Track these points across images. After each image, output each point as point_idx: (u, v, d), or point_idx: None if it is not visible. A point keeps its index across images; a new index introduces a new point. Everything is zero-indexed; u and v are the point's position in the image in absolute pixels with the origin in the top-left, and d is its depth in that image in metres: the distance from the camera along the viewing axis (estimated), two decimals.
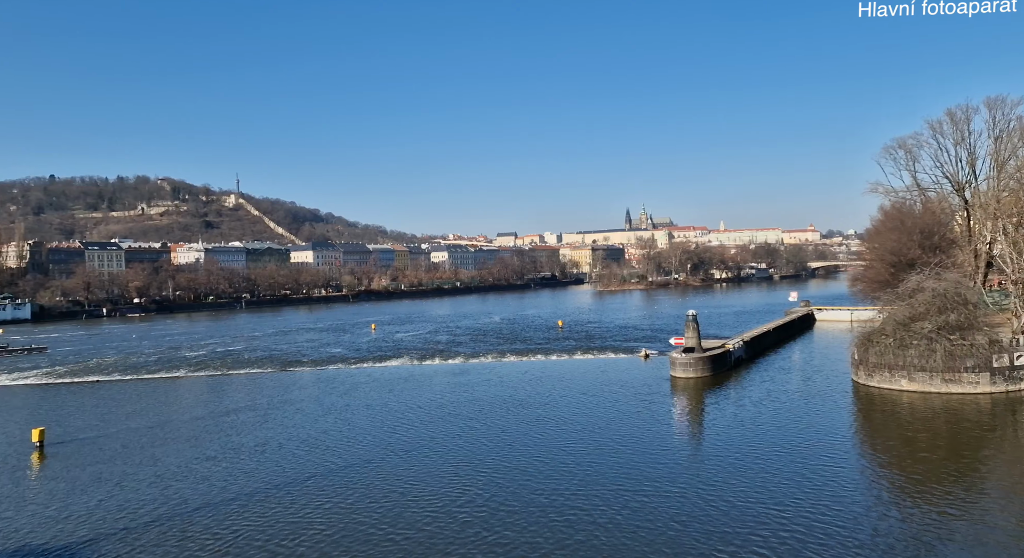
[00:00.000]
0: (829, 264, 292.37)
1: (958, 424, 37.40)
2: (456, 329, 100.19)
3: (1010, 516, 24.33)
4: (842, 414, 41.16)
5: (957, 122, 72.05)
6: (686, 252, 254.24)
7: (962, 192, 73.59)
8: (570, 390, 49.82)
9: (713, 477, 28.91)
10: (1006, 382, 42.91)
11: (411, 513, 25.86)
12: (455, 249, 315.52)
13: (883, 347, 46.00)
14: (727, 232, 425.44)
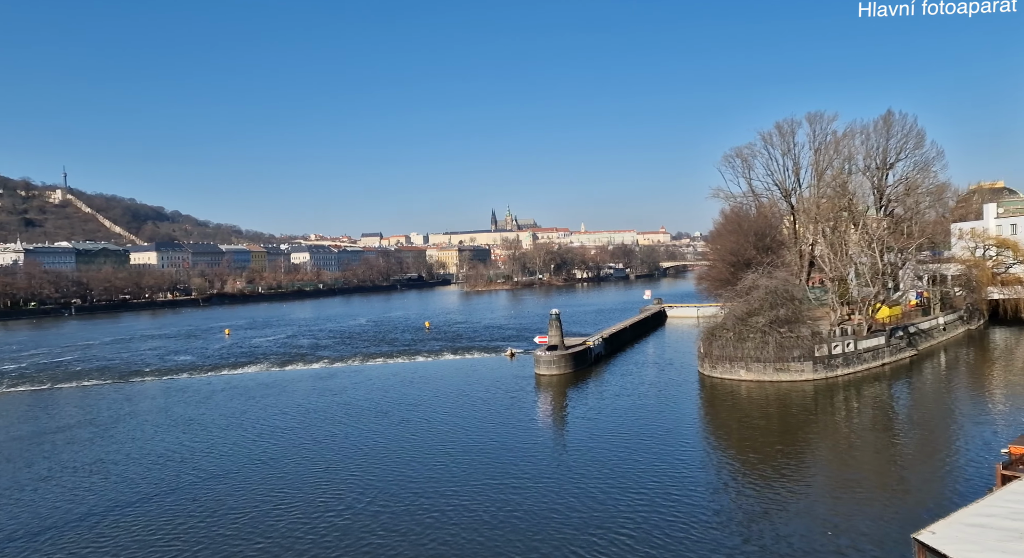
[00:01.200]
0: (679, 264, 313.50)
1: (787, 408, 41.78)
2: (319, 332, 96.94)
3: (829, 486, 27.65)
4: (690, 404, 44.55)
5: (784, 134, 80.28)
6: (550, 253, 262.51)
7: (789, 198, 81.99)
8: (439, 391, 49.99)
9: (579, 468, 30.37)
10: (825, 369, 48.47)
11: (283, 524, 24.91)
12: (317, 250, 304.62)
13: (725, 341, 50.29)
14: (587, 234, 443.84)
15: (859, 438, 35.51)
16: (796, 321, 50.06)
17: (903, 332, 57.49)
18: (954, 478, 27.32)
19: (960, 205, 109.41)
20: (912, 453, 32.48)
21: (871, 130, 78.10)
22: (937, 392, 46.69)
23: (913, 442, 34.55)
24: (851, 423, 38.98)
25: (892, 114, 77.80)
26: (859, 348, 51.24)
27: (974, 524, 12.11)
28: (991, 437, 32.09)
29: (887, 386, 47.54)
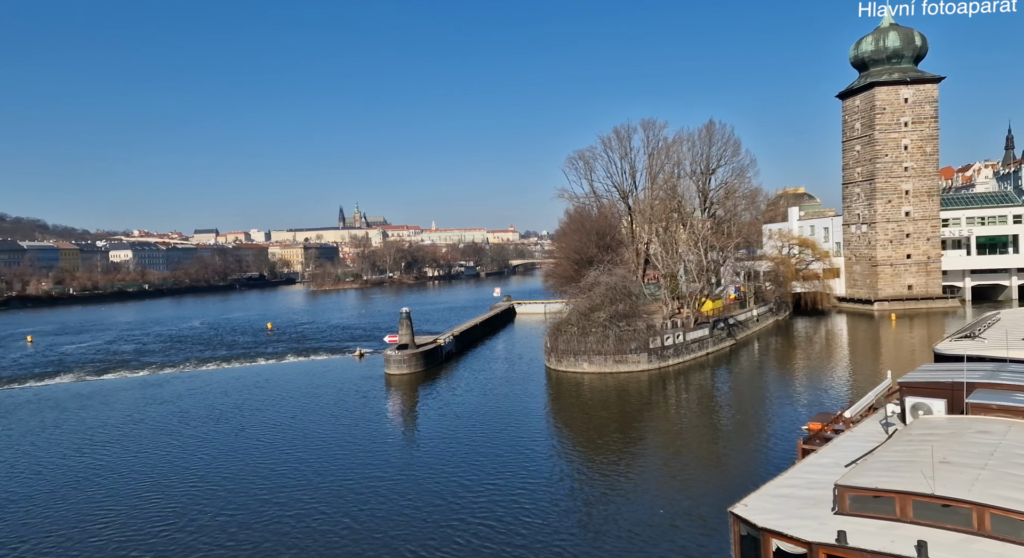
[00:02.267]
0: (527, 262, 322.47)
1: (625, 398, 44.50)
2: (145, 337, 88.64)
3: (660, 469, 29.83)
4: (538, 397, 46.07)
5: (621, 139, 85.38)
6: (400, 251, 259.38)
7: (626, 199, 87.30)
8: (285, 394, 47.70)
9: (432, 465, 30.38)
10: (659, 360, 52.20)
11: (112, 547, 22.44)
12: (142, 248, 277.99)
13: (569, 335, 52.55)
14: (438, 232, 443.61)
15: (687, 422, 38.65)
16: (633, 315, 53.44)
17: (724, 324, 63.33)
18: (765, 454, 30.56)
19: (770, 208, 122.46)
20: (730, 433, 35.93)
21: (696, 138, 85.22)
22: (751, 377, 51.94)
23: (731, 423, 38.22)
24: (680, 409, 42.33)
25: (714, 123, 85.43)
26: (687, 339, 55.74)
27: (778, 495, 13.62)
28: (795, 415, 36.23)
29: (711, 373, 52.14)
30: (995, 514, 10.43)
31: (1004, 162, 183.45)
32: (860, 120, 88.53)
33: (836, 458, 15.77)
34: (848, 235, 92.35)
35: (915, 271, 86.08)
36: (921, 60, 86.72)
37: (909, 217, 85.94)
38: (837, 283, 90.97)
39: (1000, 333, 27.78)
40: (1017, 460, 12.90)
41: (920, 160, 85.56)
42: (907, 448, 14.35)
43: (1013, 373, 19.87)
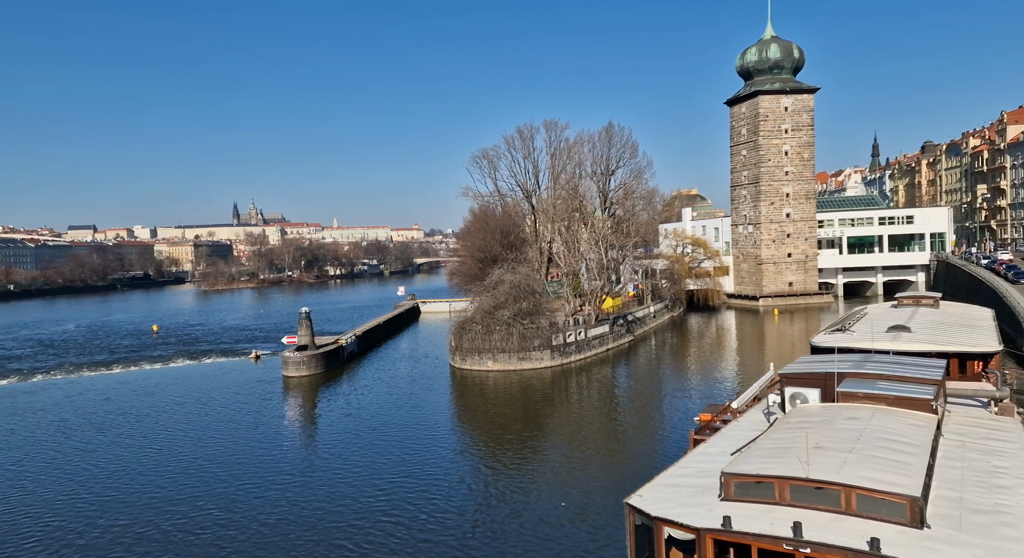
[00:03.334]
0: (432, 260, 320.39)
1: (529, 395, 45.13)
2: (9, 342, 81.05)
3: (562, 464, 30.47)
4: (442, 396, 45.88)
5: (525, 138, 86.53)
6: (300, 249, 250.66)
7: (530, 198, 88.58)
8: (175, 400, 45.02)
9: (333, 468, 29.62)
10: (561, 356, 53.28)
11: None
12: (6, 244, 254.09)
13: (474, 333, 52.68)
14: (341, 229, 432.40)
15: (588, 417, 39.70)
16: (537, 313, 54.26)
17: (623, 320, 65.49)
18: (660, 445, 31.89)
19: (665, 208, 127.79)
20: (629, 426, 37.24)
21: (596, 139, 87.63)
22: (648, 372, 54.02)
23: (630, 417, 39.61)
24: (582, 404, 43.41)
25: (613, 126, 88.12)
26: (589, 336, 57.23)
27: (671, 484, 14.26)
28: (688, 407, 37.99)
29: (611, 369, 53.77)
30: (860, 494, 11.36)
31: (871, 168, 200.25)
32: (746, 126, 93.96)
33: (723, 447, 16.67)
34: (736, 235, 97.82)
35: (795, 269, 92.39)
36: (799, 71, 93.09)
37: (790, 218, 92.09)
38: (727, 280, 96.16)
39: (867, 326, 30.23)
40: (880, 443, 14.10)
41: (799, 165, 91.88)
42: (786, 435, 15.36)
43: (877, 363, 21.67)
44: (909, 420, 16.03)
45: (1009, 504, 12.16)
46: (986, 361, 26.31)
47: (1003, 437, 16.77)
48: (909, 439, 14.37)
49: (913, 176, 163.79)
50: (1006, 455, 15.19)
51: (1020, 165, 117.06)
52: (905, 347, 26.24)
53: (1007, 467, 14.28)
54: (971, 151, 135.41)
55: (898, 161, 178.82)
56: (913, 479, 11.87)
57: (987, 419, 18.90)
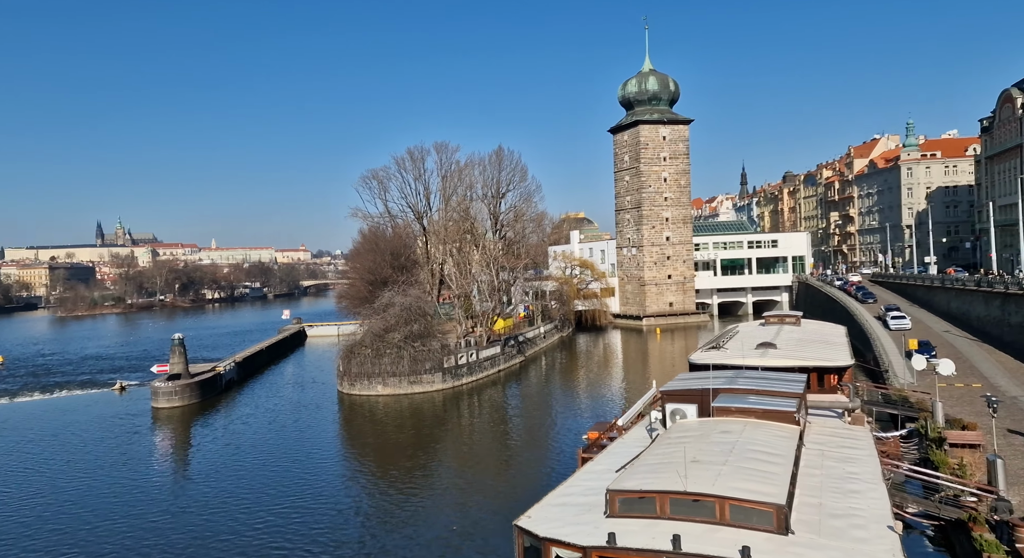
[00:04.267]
0: (320, 282, 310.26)
1: (420, 419, 44.48)
2: None
3: (454, 487, 30.15)
4: (329, 424, 44.27)
5: (415, 160, 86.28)
6: (174, 271, 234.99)
7: (421, 220, 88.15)
8: (25, 437, 40.60)
9: (210, 504, 27.72)
10: (453, 379, 52.99)
11: None
12: None
13: (363, 357, 51.38)
14: (220, 250, 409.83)
15: (479, 439, 39.61)
16: (428, 335, 53.76)
17: (514, 341, 66.21)
18: (550, 464, 32.30)
19: (554, 231, 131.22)
20: (519, 447, 37.50)
21: (487, 162, 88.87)
22: (539, 392, 54.79)
23: (520, 437, 39.92)
24: (473, 427, 43.28)
25: (503, 150, 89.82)
26: (480, 357, 57.34)
27: (558, 504, 14.46)
28: (577, 425, 38.82)
29: (502, 390, 54.07)
30: (733, 504, 12.02)
31: (740, 196, 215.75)
32: (628, 153, 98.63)
33: (609, 464, 17.14)
34: (621, 257, 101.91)
35: (675, 290, 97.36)
36: (675, 103, 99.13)
37: (670, 241, 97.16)
38: (613, 301, 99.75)
39: (739, 343, 32.28)
40: (750, 454, 15.01)
41: (677, 191, 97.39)
42: (666, 450, 16.02)
43: (747, 378, 23.15)
44: (775, 432, 17.19)
45: (860, 507, 13.29)
46: (840, 375, 28.77)
47: (855, 445, 18.35)
48: (775, 450, 15.39)
49: (776, 203, 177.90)
50: (857, 461, 16.62)
51: (866, 195, 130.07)
52: (772, 363, 28.21)
53: (859, 472, 15.61)
54: (824, 181, 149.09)
55: (763, 189, 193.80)
56: (779, 488, 12.70)
57: (842, 428, 20.62)
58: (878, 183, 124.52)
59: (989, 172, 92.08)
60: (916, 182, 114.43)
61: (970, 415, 28.04)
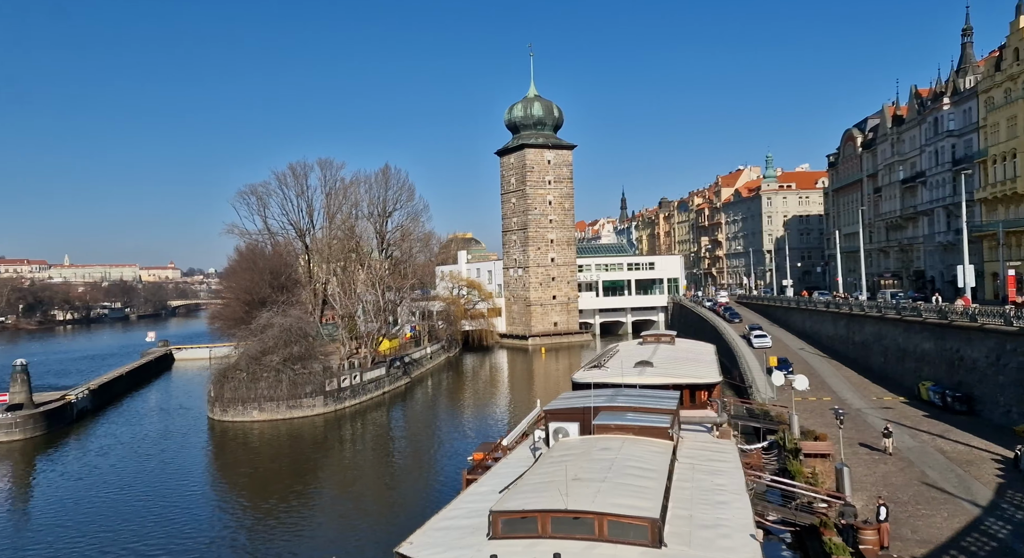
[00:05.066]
0: (190, 302, 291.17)
1: (299, 445, 42.57)
2: None
3: (335, 515, 29.03)
4: (198, 452, 41.40)
5: (297, 176, 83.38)
6: (17, 290, 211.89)
7: (303, 238, 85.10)
8: None
9: (56, 549, 24.82)
10: (335, 402, 51.24)
11: None
12: None
13: (237, 382, 48.62)
14: (75, 267, 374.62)
15: (362, 464, 38.46)
16: (309, 357, 51.78)
17: (400, 362, 65.15)
18: (435, 487, 31.88)
19: (442, 251, 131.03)
20: (404, 470, 36.77)
21: (373, 180, 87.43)
22: (425, 413, 54.11)
23: (405, 460, 39.17)
24: (356, 451, 41.98)
25: (389, 168, 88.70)
26: (364, 379, 55.89)
27: (441, 528, 14.31)
28: (463, 447, 38.62)
29: (386, 412, 52.92)
30: (611, 520, 12.39)
31: (621, 219, 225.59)
32: (515, 176, 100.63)
33: (493, 485, 17.18)
34: (508, 278, 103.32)
35: (559, 310, 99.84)
36: (560, 128, 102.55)
37: (554, 263, 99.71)
38: (500, 321, 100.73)
39: (618, 362, 33.57)
40: (627, 470, 15.57)
41: (561, 214, 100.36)
42: (549, 469, 16.30)
43: (626, 396, 24.10)
44: (651, 447, 17.96)
45: (726, 517, 14.11)
46: (710, 391, 30.60)
47: (722, 457, 19.51)
48: (651, 465, 16.07)
49: (653, 227, 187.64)
50: (724, 473, 17.67)
51: (732, 221, 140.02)
52: (649, 380, 29.56)
53: (725, 484, 16.60)
54: (696, 208, 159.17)
55: (641, 214, 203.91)
56: (653, 502, 13.25)
57: (711, 442, 21.87)
58: (743, 211, 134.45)
59: (835, 203, 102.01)
60: (775, 211, 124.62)
61: (821, 427, 30.60)
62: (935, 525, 20.44)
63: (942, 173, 69.37)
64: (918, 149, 75.04)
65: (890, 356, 47.02)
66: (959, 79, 68.54)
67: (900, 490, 23.64)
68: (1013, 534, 19.46)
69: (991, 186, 59.37)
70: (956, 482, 24.30)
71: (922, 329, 42.13)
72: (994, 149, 59.24)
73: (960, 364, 37.53)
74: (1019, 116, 56.10)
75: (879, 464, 26.79)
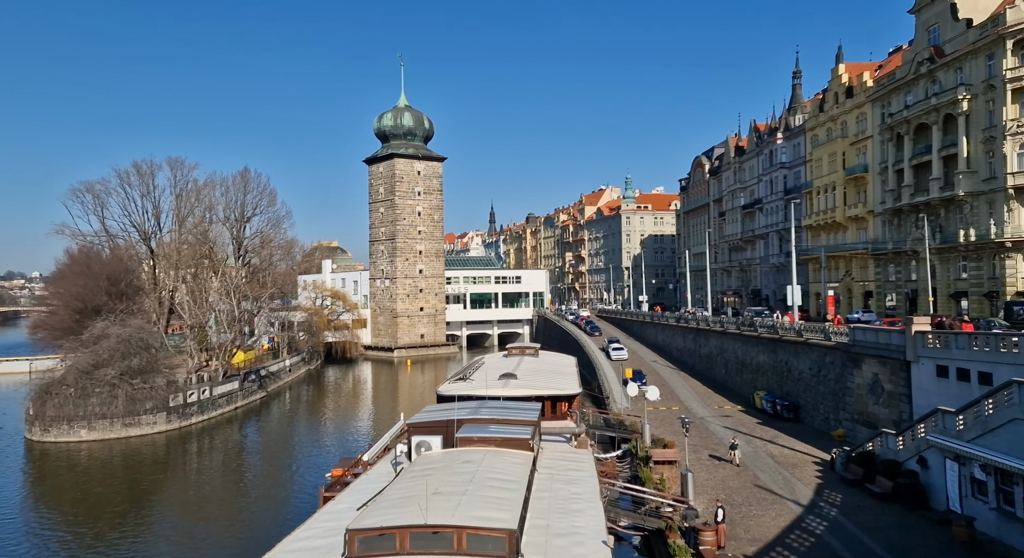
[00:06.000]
0: (8, 310, 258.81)
1: (137, 466, 38.97)
2: None
3: (181, 541, 26.79)
4: (12, 477, 36.73)
5: (143, 175, 77.09)
6: None
7: (148, 242, 78.59)
8: None
9: None
10: (180, 419, 47.49)
11: None
12: None
13: (63, 398, 43.80)
14: None
15: (210, 485, 35.88)
16: (151, 371, 47.71)
17: (256, 375, 61.69)
18: (290, 507, 30.41)
19: (305, 259, 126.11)
20: (257, 490, 34.75)
21: (231, 184, 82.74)
22: (282, 428, 51.56)
23: (259, 479, 37.03)
24: (203, 471, 39.11)
25: (249, 171, 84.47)
26: (215, 394, 52.31)
27: (294, 550, 13.67)
28: (322, 463, 37.18)
29: (239, 428, 49.85)
30: (470, 534, 12.43)
31: (489, 233, 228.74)
32: (384, 185, 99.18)
33: (351, 502, 16.68)
34: (374, 288, 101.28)
35: (427, 322, 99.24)
36: (430, 139, 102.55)
37: (423, 274, 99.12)
38: (365, 333, 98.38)
39: (483, 375, 33.86)
40: (488, 482, 15.71)
41: (431, 225, 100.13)
42: (410, 484, 16.08)
43: (490, 408, 24.33)
44: (512, 459, 18.26)
45: (581, 525, 14.63)
46: (570, 402, 31.65)
47: (579, 467, 20.22)
48: (511, 476, 16.33)
49: (521, 242, 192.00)
50: (581, 483, 18.32)
51: (595, 238, 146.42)
52: (513, 392, 30.06)
53: (581, 492, 17.21)
54: (561, 224, 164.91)
55: (509, 228, 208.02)
56: (511, 514, 13.46)
57: (569, 452, 22.61)
58: (604, 229, 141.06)
59: (686, 224, 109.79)
60: (633, 230, 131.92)
61: (670, 434, 32.61)
62: (764, 524, 22.39)
63: (776, 201, 76.81)
64: (756, 178, 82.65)
65: (731, 368, 51.10)
66: (790, 117, 76.50)
67: (736, 492, 25.68)
68: (828, 530, 21.75)
69: (815, 214, 66.55)
70: (783, 484, 26.79)
71: (758, 343, 46.20)
72: (818, 181, 66.52)
73: (789, 375, 41.53)
74: (838, 153, 63.46)
75: (719, 469, 28.96)
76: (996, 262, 44.30)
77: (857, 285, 60.97)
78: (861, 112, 60.73)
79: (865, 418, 32.57)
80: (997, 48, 43.74)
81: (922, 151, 51.16)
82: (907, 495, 23.84)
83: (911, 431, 25.64)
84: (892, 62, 61.01)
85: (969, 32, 46.32)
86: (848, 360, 34.31)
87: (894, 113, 54.27)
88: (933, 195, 49.05)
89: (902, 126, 52.99)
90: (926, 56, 50.66)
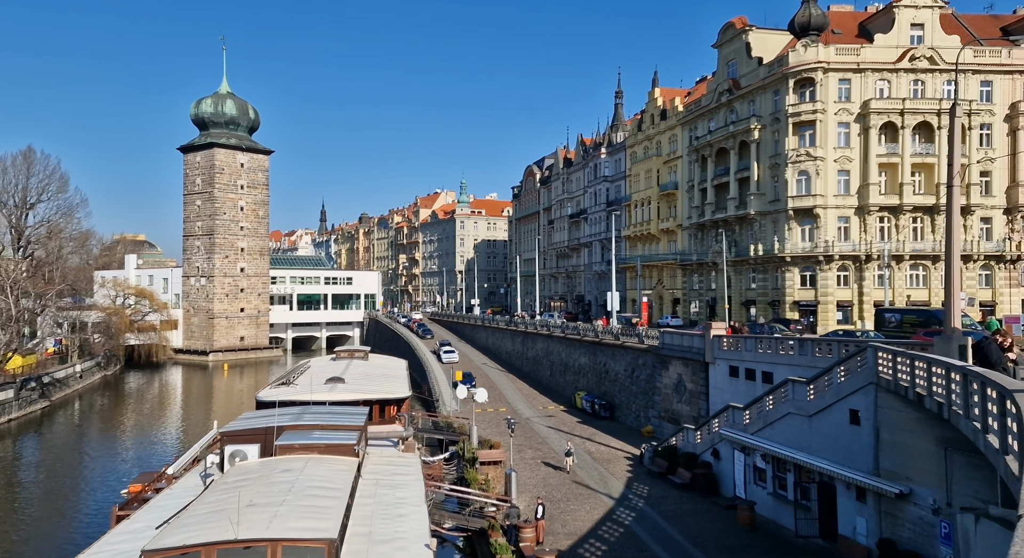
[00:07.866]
0: None
1: None
2: None
3: None
4: None
5: None
6: None
7: None
8: None
9: None
10: None
11: None
12: None
13: None
14: None
15: None
16: None
17: (36, 383, 54.10)
18: (77, 531, 26.98)
19: (104, 254, 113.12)
20: (35, 514, 30.41)
21: (9, 164, 71.95)
22: (69, 442, 45.63)
23: (38, 502, 32.44)
24: None
25: (34, 152, 73.88)
26: None
27: None
28: (118, 479, 33.40)
29: (12, 444, 43.40)
30: (286, 546, 11.79)
31: (320, 232, 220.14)
32: (201, 176, 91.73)
33: (150, 521, 15.18)
34: (188, 287, 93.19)
35: (248, 323, 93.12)
36: (255, 131, 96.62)
37: (244, 273, 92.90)
38: (175, 335, 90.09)
39: (308, 379, 32.43)
40: (309, 491, 15.02)
41: (254, 221, 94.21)
42: (220, 497, 14.92)
43: (314, 414, 23.32)
44: (336, 465, 17.62)
45: (404, 530, 14.47)
46: (399, 405, 31.30)
47: (406, 471, 20.02)
48: (333, 484, 15.75)
49: (353, 242, 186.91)
50: (406, 487, 18.14)
51: (429, 241, 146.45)
52: (339, 397, 29.11)
53: (406, 496, 17.04)
54: (395, 226, 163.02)
55: (341, 228, 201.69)
56: (332, 522, 12.98)
57: (396, 456, 22.31)
58: (439, 232, 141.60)
59: (518, 231, 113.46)
60: (467, 234, 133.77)
61: (497, 435, 33.38)
62: (580, 518, 23.65)
63: (599, 212, 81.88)
64: (582, 189, 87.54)
65: (555, 369, 53.50)
66: (613, 133, 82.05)
67: (556, 489, 26.88)
68: (635, 520, 23.47)
69: (633, 226, 71.86)
70: (598, 479, 28.50)
71: (580, 346, 48.83)
72: (636, 195, 71.91)
73: (607, 376, 44.34)
74: (654, 170, 69.08)
75: (541, 467, 30.15)
76: (778, 274, 50.64)
77: (668, 292, 66.70)
78: (673, 134, 66.64)
79: (670, 415, 35.65)
80: (782, 85, 50.11)
81: (722, 173, 57.18)
82: (703, 484, 26.42)
83: (707, 426, 28.48)
84: (699, 90, 67.69)
85: (760, 69, 52.62)
86: (658, 362, 37.34)
87: (700, 137, 60.17)
88: (730, 213, 54.99)
89: (706, 149, 58.89)
90: (726, 87, 56.76)
